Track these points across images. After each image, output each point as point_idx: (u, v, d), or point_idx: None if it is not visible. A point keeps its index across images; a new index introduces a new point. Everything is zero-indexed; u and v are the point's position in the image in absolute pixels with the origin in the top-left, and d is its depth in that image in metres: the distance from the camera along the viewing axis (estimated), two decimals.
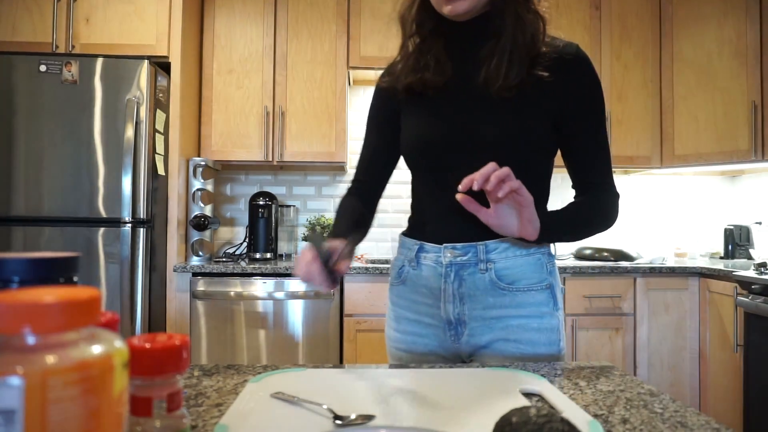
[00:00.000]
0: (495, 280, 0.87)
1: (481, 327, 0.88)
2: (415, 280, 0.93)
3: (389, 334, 0.99)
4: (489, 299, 0.87)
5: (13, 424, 0.25)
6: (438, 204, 0.92)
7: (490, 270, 0.87)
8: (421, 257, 0.92)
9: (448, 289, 0.88)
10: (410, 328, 0.94)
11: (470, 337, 0.89)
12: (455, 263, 0.88)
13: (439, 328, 0.91)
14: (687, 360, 2.41)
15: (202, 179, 2.40)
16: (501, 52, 0.84)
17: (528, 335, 0.87)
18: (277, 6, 2.58)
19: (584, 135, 0.91)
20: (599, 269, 2.35)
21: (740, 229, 2.73)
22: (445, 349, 0.92)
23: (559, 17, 2.66)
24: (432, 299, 0.91)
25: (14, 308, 0.27)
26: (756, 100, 2.43)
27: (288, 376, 0.72)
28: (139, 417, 0.38)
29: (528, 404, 0.46)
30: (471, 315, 0.88)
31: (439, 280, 0.89)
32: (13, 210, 2.04)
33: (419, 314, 0.93)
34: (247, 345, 2.25)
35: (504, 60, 0.84)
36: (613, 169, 2.76)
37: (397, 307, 0.97)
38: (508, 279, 0.87)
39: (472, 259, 0.87)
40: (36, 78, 2.05)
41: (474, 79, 0.88)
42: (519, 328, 0.87)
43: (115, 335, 0.32)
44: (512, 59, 0.84)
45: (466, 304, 0.88)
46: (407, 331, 0.95)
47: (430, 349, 0.93)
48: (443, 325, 0.91)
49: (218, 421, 0.55)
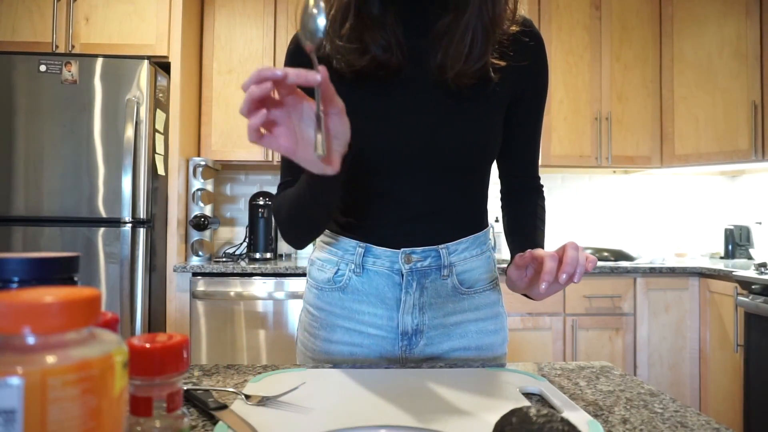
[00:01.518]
0: (457, 285, 0.80)
1: (439, 336, 0.80)
2: (359, 287, 0.79)
3: (312, 345, 0.83)
4: (449, 306, 0.80)
5: (12, 424, 0.25)
6: (389, 207, 0.78)
7: (452, 275, 0.79)
8: (368, 262, 0.78)
9: (408, 301, 0.78)
10: (347, 338, 0.80)
11: (426, 346, 0.80)
12: (416, 270, 0.77)
13: (386, 339, 0.79)
14: (687, 360, 2.41)
15: (202, 179, 2.40)
16: (462, 28, 0.70)
17: (488, 340, 0.83)
18: (277, 6, 2.58)
19: (531, 126, 0.84)
20: (599, 269, 2.35)
21: (740, 229, 2.73)
22: (388, 360, 0.81)
23: (559, 17, 2.66)
24: (383, 310, 0.79)
25: (14, 308, 0.27)
26: (756, 100, 2.43)
27: (288, 376, 0.72)
28: (139, 417, 0.38)
29: (528, 404, 0.46)
30: (431, 324, 0.79)
31: (396, 290, 0.78)
32: (13, 210, 2.04)
33: (362, 324, 0.80)
34: (247, 345, 2.25)
35: (465, 39, 0.70)
36: (613, 169, 2.80)
37: (329, 314, 0.82)
38: (468, 283, 0.81)
39: (433, 265, 0.78)
40: (36, 78, 2.05)
41: (427, 61, 0.73)
42: (478, 333, 0.82)
43: (115, 335, 0.32)
44: (474, 39, 0.70)
45: (426, 314, 0.79)
46: (342, 341, 0.81)
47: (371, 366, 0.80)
48: (394, 336, 0.79)
49: (218, 421, 0.55)
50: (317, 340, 0.83)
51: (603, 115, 2.66)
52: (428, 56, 0.73)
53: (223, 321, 2.24)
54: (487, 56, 0.72)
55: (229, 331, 2.25)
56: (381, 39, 0.71)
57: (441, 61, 0.71)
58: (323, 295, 0.83)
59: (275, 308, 2.26)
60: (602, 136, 2.66)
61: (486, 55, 0.71)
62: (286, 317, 2.26)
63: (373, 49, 0.71)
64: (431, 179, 0.77)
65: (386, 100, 0.74)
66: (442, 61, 0.71)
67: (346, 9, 0.71)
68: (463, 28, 0.70)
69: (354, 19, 0.71)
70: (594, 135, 2.66)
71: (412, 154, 0.75)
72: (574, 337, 2.35)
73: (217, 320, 2.24)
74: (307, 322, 0.86)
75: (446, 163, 0.76)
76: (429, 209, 0.78)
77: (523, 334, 2.33)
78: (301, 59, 0.73)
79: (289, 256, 2.77)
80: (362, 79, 0.73)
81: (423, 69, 0.74)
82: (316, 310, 0.84)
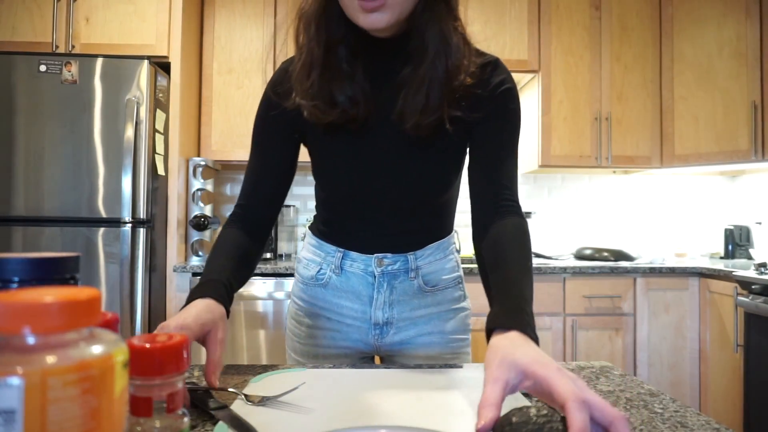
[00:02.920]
0: (422, 285, 0.89)
1: (406, 325, 0.90)
2: (338, 285, 0.90)
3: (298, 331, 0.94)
4: (415, 302, 0.90)
5: (12, 424, 0.25)
6: (363, 225, 0.87)
7: (418, 277, 0.89)
8: (346, 264, 0.89)
9: (379, 298, 0.89)
10: (328, 324, 0.92)
11: (395, 334, 0.91)
12: (387, 273, 0.88)
13: (361, 328, 0.91)
14: (687, 360, 2.41)
15: (201, 179, 2.40)
16: (419, 82, 0.73)
17: (449, 326, 0.92)
18: (277, 6, 2.58)
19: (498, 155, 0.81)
20: (599, 269, 2.35)
21: (740, 229, 2.73)
22: (365, 344, 0.92)
23: (559, 17, 2.66)
24: (358, 305, 0.90)
25: (14, 308, 0.27)
26: (756, 100, 2.43)
27: (288, 376, 0.72)
28: (139, 417, 0.38)
29: (528, 404, 0.46)
30: (399, 317, 0.90)
31: (369, 289, 0.88)
32: (13, 210, 2.04)
33: (340, 315, 0.91)
34: (247, 345, 2.25)
35: (421, 92, 0.73)
36: (613, 169, 2.80)
37: (313, 306, 0.93)
38: (432, 282, 0.90)
39: (402, 268, 0.88)
40: (36, 78, 2.05)
41: (390, 111, 0.77)
42: (440, 321, 0.92)
43: (115, 335, 0.32)
44: (430, 91, 0.73)
45: (395, 309, 0.90)
46: (324, 327, 0.92)
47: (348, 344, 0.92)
48: (368, 326, 0.90)
49: (219, 421, 0.55)
50: (302, 326, 0.94)
51: (603, 115, 2.66)
52: (391, 106, 0.77)
53: None
54: (443, 108, 0.74)
55: (229, 331, 2.24)
56: (350, 93, 0.75)
57: (400, 111, 0.76)
58: (308, 289, 0.93)
59: (275, 308, 2.26)
60: (602, 136, 2.66)
61: (441, 107, 0.74)
62: (286, 317, 2.25)
63: (342, 103, 0.75)
64: (399, 208, 0.85)
65: (354, 144, 0.81)
66: (401, 112, 0.75)
67: (310, 64, 0.75)
68: (419, 81, 0.73)
69: (320, 73, 0.74)
70: (594, 135, 2.66)
71: (378, 190, 0.83)
72: (574, 337, 2.35)
73: None
74: (294, 311, 0.96)
75: (409, 198, 0.84)
76: (398, 229, 0.87)
77: None
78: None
79: (289, 256, 2.77)
80: (333, 128, 0.79)
81: (386, 118, 0.78)
82: (302, 301, 0.95)
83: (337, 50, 0.75)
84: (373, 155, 0.81)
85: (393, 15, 0.70)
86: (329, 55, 0.75)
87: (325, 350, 0.92)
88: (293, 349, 0.95)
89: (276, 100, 0.81)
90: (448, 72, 0.73)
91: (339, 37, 0.75)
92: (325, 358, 0.92)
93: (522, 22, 2.64)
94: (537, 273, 2.31)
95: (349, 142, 0.81)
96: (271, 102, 0.83)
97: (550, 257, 2.73)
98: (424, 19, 0.73)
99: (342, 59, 0.75)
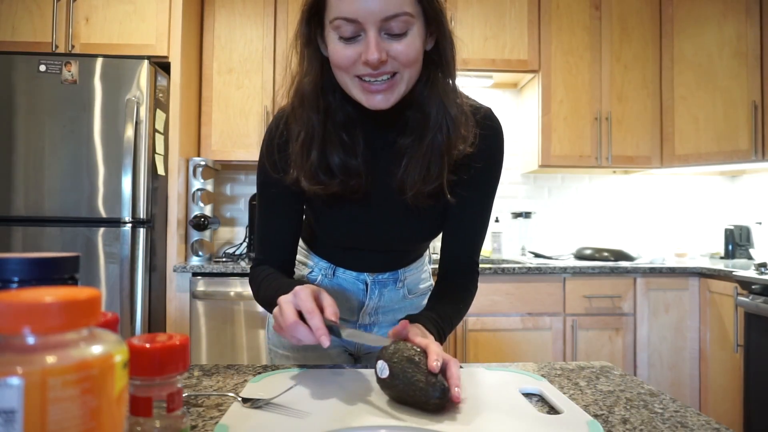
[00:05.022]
0: (406, 293, 0.97)
1: (389, 326, 0.96)
2: (329, 288, 0.93)
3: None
4: (397, 306, 0.97)
5: (13, 424, 0.25)
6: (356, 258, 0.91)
7: (404, 286, 0.96)
8: (339, 272, 0.93)
9: (370, 304, 0.94)
10: None
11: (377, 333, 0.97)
12: (378, 281, 0.93)
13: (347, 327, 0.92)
14: (687, 360, 2.41)
15: (201, 179, 2.40)
16: (421, 153, 0.75)
17: None
18: (277, 6, 2.58)
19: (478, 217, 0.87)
20: (599, 269, 2.35)
21: (740, 229, 2.73)
22: (346, 342, 0.95)
23: (559, 17, 2.66)
24: (347, 306, 0.93)
25: (14, 308, 0.27)
26: (756, 100, 2.43)
27: (288, 376, 0.72)
28: (139, 417, 0.38)
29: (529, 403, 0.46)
30: (384, 319, 0.97)
31: (361, 295, 0.93)
32: (13, 210, 2.04)
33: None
34: (247, 345, 2.25)
35: (422, 163, 0.75)
36: (613, 169, 2.80)
37: None
38: (414, 291, 0.99)
39: (391, 278, 0.94)
40: (36, 78, 2.05)
41: (388, 179, 0.79)
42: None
43: (115, 335, 0.32)
44: (431, 162, 0.75)
45: (380, 313, 0.96)
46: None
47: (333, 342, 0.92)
48: (352, 325, 0.95)
49: (218, 421, 0.55)
50: None
51: (603, 115, 2.66)
52: (390, 175, 0.79)
53: (222, 321, 2.24)
54: (443, 177, 0.76)
55: (228, 331, 2.24)
56: (351, 163, 0.77)
57: (401, 181, 0.78)
58: None
59: None
60: (602, 136, 2.66)
61: (442, 176, 0.76)
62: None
63: (342, 174, 0.77)
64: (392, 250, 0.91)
65: (352, 211, 0.83)
66: (401, 181, 0.78)
67: (310, 142, 0.75)
68: (421, 152, 0.75)
69: (320, 148, 0.75)
70: (594, 135, 2.66)
71: (373, 241, 0.87)
72: (574, 337, 2.35)
73: (217, 320, 2.24)
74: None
75: (403, 245, 0.91)
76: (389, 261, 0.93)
77: (523, 334, 2.33)
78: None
79: None
80: (332, 196, 0.80)
81: (386, 186, 0.80)
82: None
83: (335, 121, 0.76)
84: (371, 221, 0.84)
85: (397, 95, 0.71)
86: (327, 127, 0.75)
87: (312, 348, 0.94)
88: (279, 344, 0.98)
89: (275, 177, 0.81)
90: (449, 142, 0.75)
91: (336, 108, 0.76)
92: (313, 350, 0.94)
93: (522, 22, 2.64)
94: (537, 273, 2.31)
95: (347, 209, 0.83)
96: (269, 178, 0.83)
97: (550, 257, 2.73)
98: (425, 93, 0.75)
99: (341, 130, 0.76)
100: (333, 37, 0.69)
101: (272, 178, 0.82)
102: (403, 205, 0.80)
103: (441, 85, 0.75)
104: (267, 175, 0.83)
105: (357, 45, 0.67)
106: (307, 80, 0.75)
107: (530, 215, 2.91)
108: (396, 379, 0.59)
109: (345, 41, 0.68)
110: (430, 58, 0.74)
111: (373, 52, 0.65)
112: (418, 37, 0.69)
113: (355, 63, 0.68)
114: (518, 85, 2.94)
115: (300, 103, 0.75)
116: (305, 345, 0.92)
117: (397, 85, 0.70)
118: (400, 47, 0.67)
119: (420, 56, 0.71)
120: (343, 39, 0.68)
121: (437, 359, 0.59)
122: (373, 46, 0.66)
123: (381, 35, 0.67)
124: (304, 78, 0.75)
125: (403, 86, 0.71)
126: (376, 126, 0.79)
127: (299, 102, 0.76)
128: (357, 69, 0.69)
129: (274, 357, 0.99)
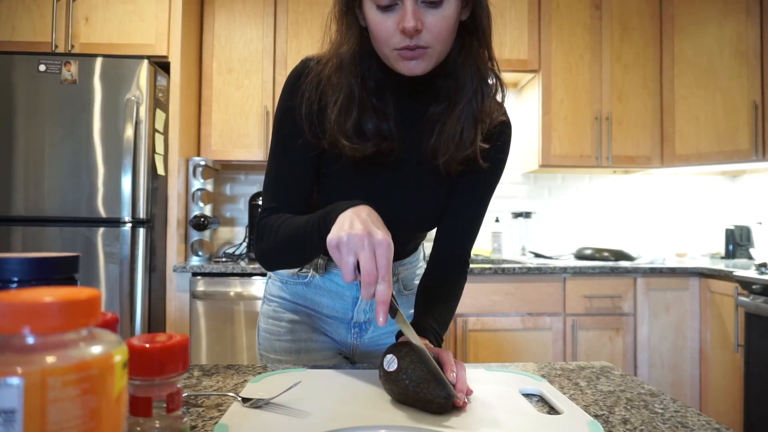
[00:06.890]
0: (401, 288, 0.96)
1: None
2: (320, 284, 0.91)
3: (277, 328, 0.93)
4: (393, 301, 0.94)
5: (12, 424, 0.25)
6: None
7: (400, 280, 0.95)
8: (331, 266, 0.91)
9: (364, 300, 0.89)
10: (308, 320, 0.93)
11: (373, 331, 0.95)
12: None
13: (341, 326, 0.93)
14: (687, 360, 2.41)
15: (201, 179, 2.40)
16: (454, 118, 0.75)
17: None
18: (277, 6, 2.58)
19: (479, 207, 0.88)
20: (599, 269, 2.35)
21: (741, 229, 2.73)
22: (342, 342, 0.94)
23: (559, 17, 2.66)
24: (341, 305, 0.91)
25: (14, 308, 0.26)
26: (757, 100, 2.43)
27: (287, 376, 0.71)
28: (139, 417, 0.38)
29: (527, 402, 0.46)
30: None
31: (354, 290, 0.90)
32: (13, 210, 2.04)
33: (321, 313, 0.93)
34: (247, 345, 2.25)
35: (456, 128, 0.75)
36: (614, 169, 2.80)
37: (292, 303, 0.93)
38: (409, 287, 0.98)
39: None
40: (35, 78, 2.05)
41: (417, 145, 0.79)
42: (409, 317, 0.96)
43: (115, 335, 0.32)
44: (465, 128, 0.76)
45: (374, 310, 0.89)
46: (304, 321, 0.93)
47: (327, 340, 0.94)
48: (348, 325, 0.93)
49: (218, 421, 0.55)
50: (282, 322, 0.93)
51: (603, 115, 2.66)
52: (420, 141, 0.79)
53: (222, 321, 2.24)
54: (476, 144, 0.77)
55: (228, 331, 2.24)
56: (383, 127, 0.76)
57: (434, 146, 0.78)
58: (287, 287, 0.94)
59: None
60: (602, 136, 2.66)
61: (475, 143, 0.77)
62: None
63: (374, 138, 0.76)
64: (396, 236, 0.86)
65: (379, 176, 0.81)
66: (434, 147, 0.78)
67: (349, 105, 0.75)
68: (455, 118, 0.76)
69: (357, 111, 0.75)
70: (594, 135, 2.66)
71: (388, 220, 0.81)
72: (575, 337, 2.35)
73: (217, 320, 2.24)
74: (270, 310, 0.96)
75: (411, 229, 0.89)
76: None
77: (523, 334, 2.33)
78: None
79: None
80: (362, 159, 0.78)
81: (415, 152, 0.80)
82: (281, 299, 0.95)
83: (368, 87, 0.76)
84: (395, 188, 0.82)
85: (432, 62, 0.72)
86: (362, 92, 0.76)
87: (306, 344, 0.92)
88: (271, 349, 0.93)
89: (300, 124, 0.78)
90: (483, 109, 0.76)
91: (369, 76, 0.77)
92: (306, 352, 0.92)
93: (522, 22, 2.64)
94: (537, 273, 2.31)
95: (375, 174, 0.81)
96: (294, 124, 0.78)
97: (551, 257, 2.73)
98: (459, 61, 0.75)
99: (372, 94, 0.77)
100: (371, 6, 0.70)
101: (297, 125, 0.78)
102: (429, 177, 0.81)
103: (476, 53, 0.76)
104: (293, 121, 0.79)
105: (394, 14, 0.68)
106: (345, 48, 0.75)
107: (530, 215, 2.91)
108: (403, 374, 0.59)
109: (382, 10, 0.68)
110: (466, 27, 0.75)
111: (410, 19, 0.66)
112: (453, 6, 0.69)
113: (392, 35, 0.69)
114: (518, 85, 2.93)
115: (338, 69, 0.76)
116: (297, 348, 0.91)
117: (430, 57, 0.71)
118: (434, 19, 0.68)
119: (453, 30, 0.72)
120: (380, 8, 0.68)
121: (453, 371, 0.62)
122: (410, 14, 0.66)
123: (418, 3, 0.67)
124: (341, 47, 0.76)
125: (437, 55, 0.72)
126: (408, 94, 0.80)
127: (337, 68, 0.76)
128: (395, 41, 0.69)
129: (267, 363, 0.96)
